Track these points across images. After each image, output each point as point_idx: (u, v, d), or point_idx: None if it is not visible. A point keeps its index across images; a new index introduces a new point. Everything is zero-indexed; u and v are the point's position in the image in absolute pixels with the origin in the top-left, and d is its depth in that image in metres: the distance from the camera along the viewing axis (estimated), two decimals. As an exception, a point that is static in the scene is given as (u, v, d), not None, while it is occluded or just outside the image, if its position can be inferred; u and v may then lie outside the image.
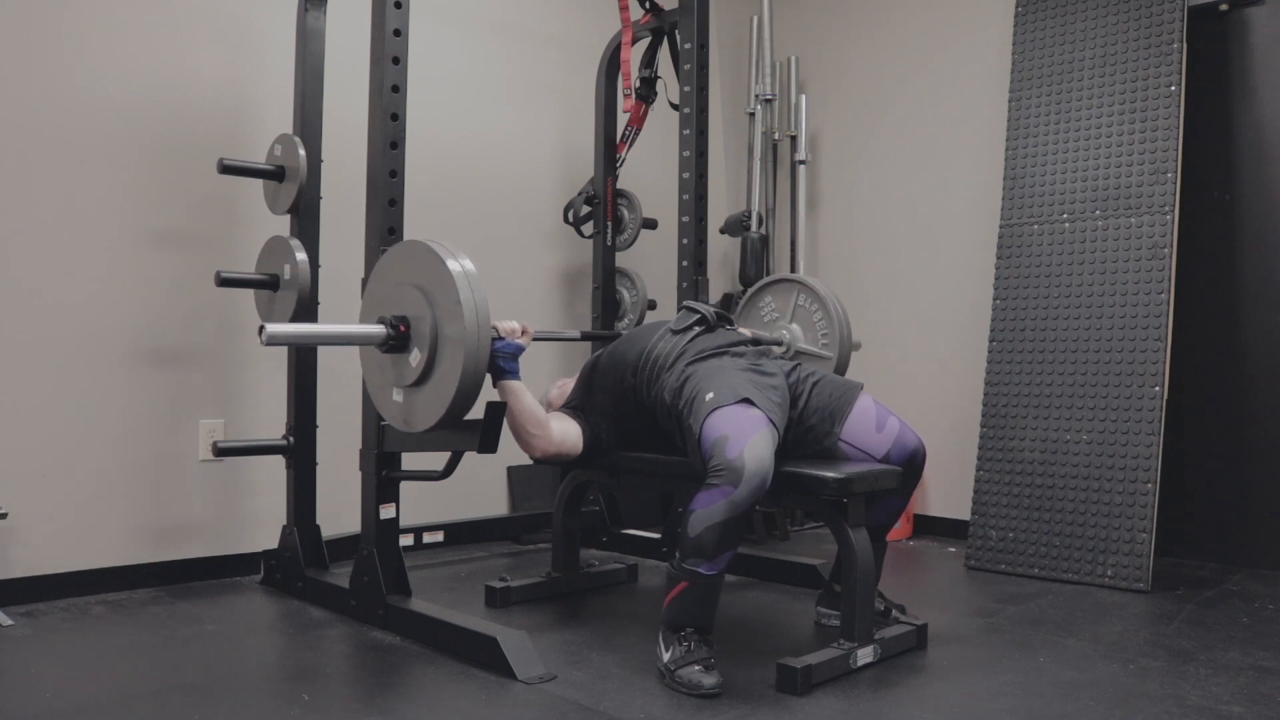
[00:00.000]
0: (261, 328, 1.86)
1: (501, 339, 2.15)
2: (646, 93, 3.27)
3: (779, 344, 2.88)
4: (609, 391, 2.40)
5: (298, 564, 2.65)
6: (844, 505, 2.06)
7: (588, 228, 3.51)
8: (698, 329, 2.39)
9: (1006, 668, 2.10)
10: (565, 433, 2.32)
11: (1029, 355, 3.16)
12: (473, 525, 3.29)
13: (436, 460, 2.23)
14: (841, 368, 2.78)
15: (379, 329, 1.99)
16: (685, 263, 3.07)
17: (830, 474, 2.04)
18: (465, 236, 3.35)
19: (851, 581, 2.04)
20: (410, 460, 2.41)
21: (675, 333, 2.38)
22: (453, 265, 1.90)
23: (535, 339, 2.28)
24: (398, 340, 1.98)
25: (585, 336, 2.61)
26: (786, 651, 2.01)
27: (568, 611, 2.55)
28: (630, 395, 2.37)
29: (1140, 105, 3.06)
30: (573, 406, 2.43)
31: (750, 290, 3.05)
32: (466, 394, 1.90)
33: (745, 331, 2.68)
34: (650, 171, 3.74)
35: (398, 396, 2.04)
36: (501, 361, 2.14)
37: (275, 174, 2.69)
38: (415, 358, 1.96)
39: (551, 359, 3.64)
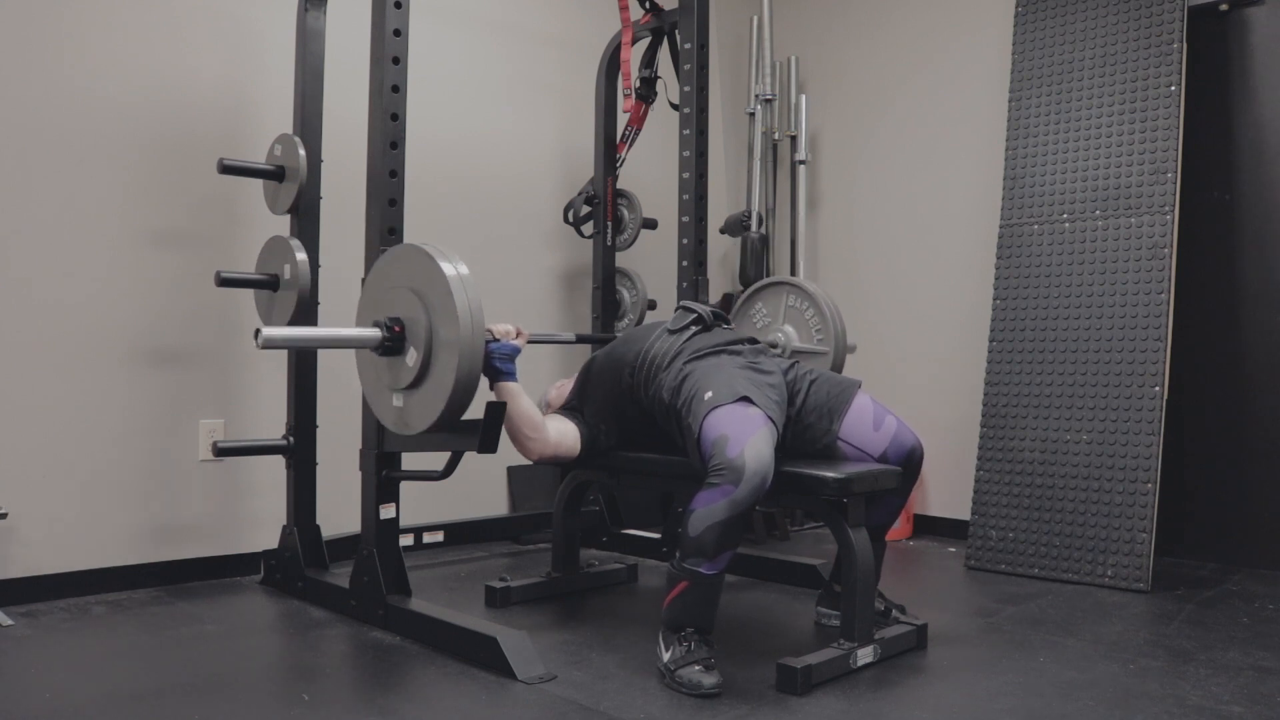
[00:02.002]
0: (257, 331, 1.87)
1: (496, 341, 2.17)
2: (646, 93, 3.27)
3: (774, 346, 2.87)
4: (607, 392, 2.40)
5: (298, 564, 2.65)
6: (844, 505, 2.06)
7: (588, 228, 3.51)
8: (694, 328, 2.39)
9: (1006, 668, 2.10)
10: (562, 434, 2.32)
11: (1029, 355, 3.16)
12: (473, 525, 3.29)
13: (436, 460, 2.23)
14: (838, 363, 2.78)
15: (374, 332, 2.00)
16: (685, 263, 3.07)
17: (830, 474, 2.04)
18: (465, 236, 3.35)
19: (851, 581, 2.04)
20: (410, 460, 2.41)
21: (672, 333, 2.38)
22: (447, 268, 1.91)
23: (530, 341, 2.28)
24: (393, 343, 2.00)
25: (580, 339, 2.61)
26: (786, 651, 2.01)
27: (568, 611, 2.55)
28: (628, 395, 2.37)
29: (1140, 105, 3.06)
30: (571, 408, 2.43)
31: (740, 298, 3.05)
32: (462, 396, 1.91)
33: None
34: (650, 171, 3.74)
35: (395, 400, 2.04)
36: (498, 363, 2.15)
37: (275, 174, 2.69)
38: (411, 358, 1.97)
39: (551, 359, 3.64)
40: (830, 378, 2.35)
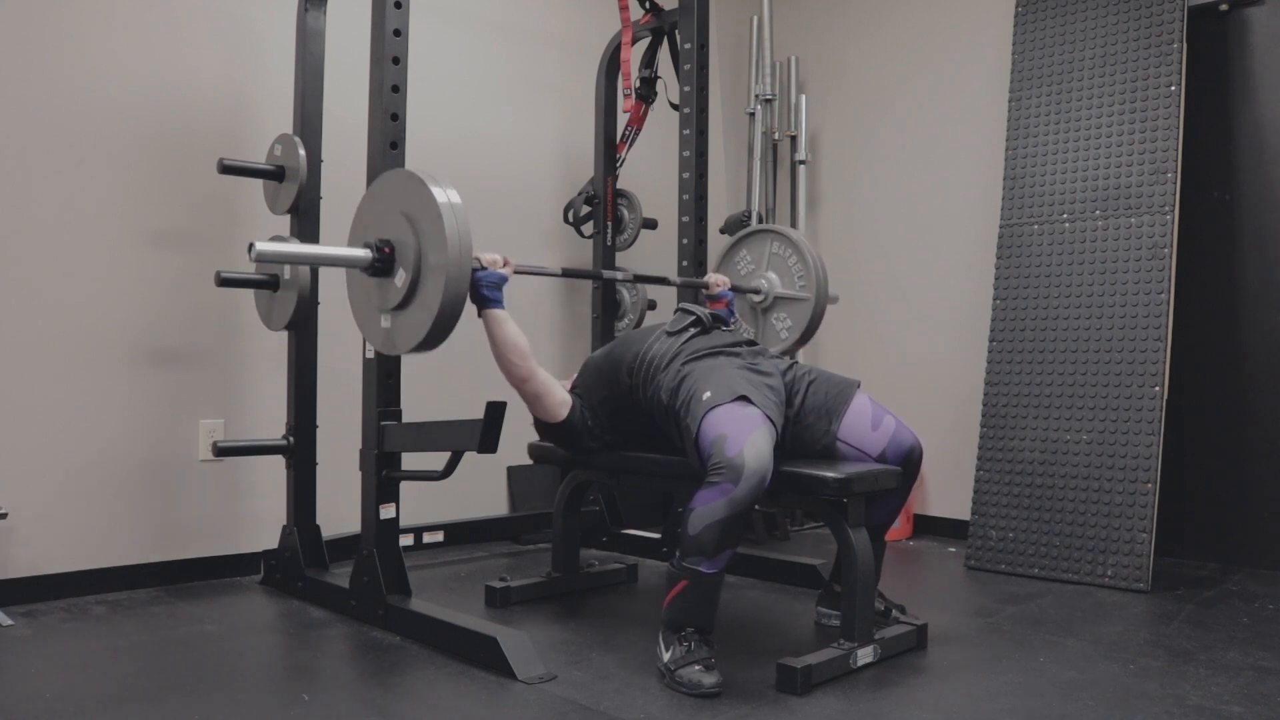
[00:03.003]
0: (251, 245, 1.90)
1: (484, 269, 2.20)
2: (646, 93, 3.27)
3: (757, 293, 2.89)
4: (605, 391, 2.41)
5: (298, 564, 2.65)
6: (844, 505, 2.06)
7: (588, 228, 3.51)
8: (693, 330, 2.39)
9: (1006, 668, 2.10)
10: (550, 383, 2.34)
11: (1029, 355, 3.16)
12: (473, 525, 3.30)
13: (436, 460, 2.23)
14: (820, 310, 2.80)
15: (364, 253, 2.02)
16: (685, 263, 3.07)
17: (830, 474, 2.04)
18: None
19: (851, 581, 2.04)
20: (410, 460, 2.41)
21: (671, 334, 2.38)
22: (438, 194, 1.94)
23: (517, 272, 2.32)
24: (383, 264, 2.02)
25: (566, 273, 2.67)
26: (786, 651, 2.01)
27: (568, 611, 2.55)
28: (626, 396, 2.37)
29: (1140, 105, 3.06)
30: (572, 389, 2.45)
31: (726, 247, 3.06)
32: (448, 318, 1.94)
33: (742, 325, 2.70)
34: (650, 171, 3.74)
35: (383, 321, 2.08)
36: (485, 290, 2.20)
37: (275, 174, 2.69)
38: (400, 280, 2.00)
39: (551, 359, 3.64)
40: (829, 378, 2.35)
